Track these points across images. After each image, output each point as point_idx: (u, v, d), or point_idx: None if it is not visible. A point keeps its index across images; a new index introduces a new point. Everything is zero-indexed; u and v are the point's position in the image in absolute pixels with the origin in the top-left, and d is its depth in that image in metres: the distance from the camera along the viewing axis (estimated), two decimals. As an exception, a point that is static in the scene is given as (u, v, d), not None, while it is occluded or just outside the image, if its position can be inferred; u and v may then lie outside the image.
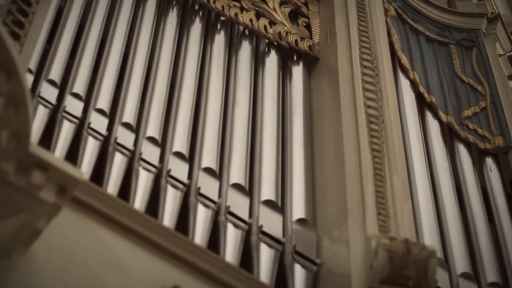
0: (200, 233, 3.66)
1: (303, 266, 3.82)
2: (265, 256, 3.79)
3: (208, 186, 3.86)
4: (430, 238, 4.19)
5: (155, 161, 3.82)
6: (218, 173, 3.96)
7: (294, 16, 5.16)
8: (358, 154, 4.12)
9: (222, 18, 4.79)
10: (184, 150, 3.96)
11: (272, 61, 4.79)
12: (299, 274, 3.81)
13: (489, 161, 4.85)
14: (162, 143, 3.95)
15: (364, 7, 5.08)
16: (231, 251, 3.69)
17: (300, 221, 3.99)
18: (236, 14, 4.77)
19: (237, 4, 4.85)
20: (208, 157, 4.00)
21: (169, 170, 3.80)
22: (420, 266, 3.46)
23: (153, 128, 3.96)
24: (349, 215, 3.85)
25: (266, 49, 4.86)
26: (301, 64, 4.89)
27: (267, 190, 4.05)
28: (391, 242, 3.50)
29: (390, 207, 3.90)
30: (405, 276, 3.44)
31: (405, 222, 3.86)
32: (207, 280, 3.41)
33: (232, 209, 3.83)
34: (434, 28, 5.54)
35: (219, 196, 3.87)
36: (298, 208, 4.07)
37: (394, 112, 4.45)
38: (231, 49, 4.72)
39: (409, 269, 3.45)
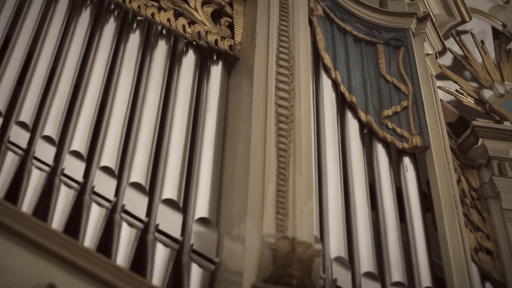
0: (91, 234, 3.65)
1: (200, 265, 3.82)
2: (160, 255, 3.78)
3: (104, 185, 3.85)
4: (336, 237, 4.20)
5: (50, 161, 3.81)
6: (117, 172, 3.95)
7: (218, 15, 5.16)
8: (264, 153, 4.12)
9: (139, 18, 4.78)
10: (82, 149, 3.94)
11: (189, 60, 4.78)
12: (195, 273, 3.80)
13: (406, 161, 4.84)
14: (59, 142, 3.94)
15: (287, 6, 5.07)
16: (124, 250, 3.69)
17: (201, 220, 3.98)
18: (153, 14, 4.76)
19: (155, 4, 4.83)
20: (108, 156, 3.98)
21: (63, 169, 3.79)
22: (304, 265, 3.45)
23: (51, 127, 3.94)
24: (248, 213, 3.85)
25: (184, 49, 4.84)
26: (220, 63, 4.88)
27: (169, 189, 4.04)
28: (276, 241, 3.49)
29: (290, 206, 3.89)
30: (289, 275, 3.43)
31: (303, 221, 3.85)
32: (94, 283, 3.40)
33: (128, 208, 3.81)
34: (363, 28, 5.53)
35: (116, 195, 3.86)
36: (201, 207, 4.06)
37: (305, 112, 4.44)
38: (146, 49, 4.71)
39: (293, 268, 3.44)
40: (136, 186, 3.94)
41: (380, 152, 4.85)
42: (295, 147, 4.19)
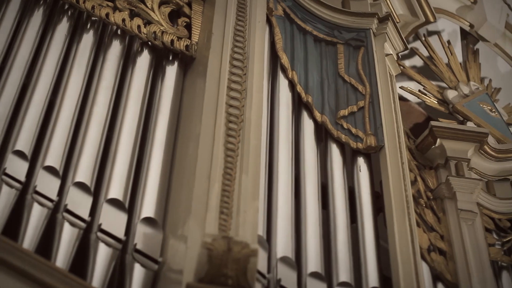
0: (31, 235, 3.65)
1: (143, 265, 3.82)
2: (102, 255, 3.78)
3: (47, 184, 3.85)
4: (283, 237, 4.20)
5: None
6: (61, 172, 3.95)
7: (176, 16, 5.15)
8: (211, 153, 4.12)
9: (94, 18, 4.78)
10: (27, 149, 3.94)
11: (143, 60, 4.77)
12: (138, 273, 3.81)
13: (360, 161, 4.85)
14: (3, 142, 3.93)
15: (244, 6, 5.06)
16: (64, 251, 3.68)
17: (147, 220, 3.98)
18: (107, 14, 4.75)
19: (110, 4, 4.83)
20: (53, 156, 3.98)
21: (5, 168, 3.79)
22: (239, 265, 3.45)
23: (-7, 126, 3.95)
24: (192, 213, 3.85)
25: (139, 49, 4.83)
26: (176, 63, 4.87)
27: (115, 189, 4.04)
28: (212, 241, 3.50)
29: (234, 206, 3.89)
30: (224, 275, 3.43)
31: (247, 221, 3.85)
32: (31, 284, 3.40)
33: (70, 207, 3.81)
34: (323, 28, 5.54)
35: (59, 194, 3.86)
36: (147, 208, 4.05)
37: (256, 112, 4.43)
38: (100, 49, 4.70)
39: (229, 268, 3.44)
40: (81, 185, 3.94)
41: (334, 152, 4.86)
42: (244, 147, 4.19)
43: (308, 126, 4.92)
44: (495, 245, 5.14)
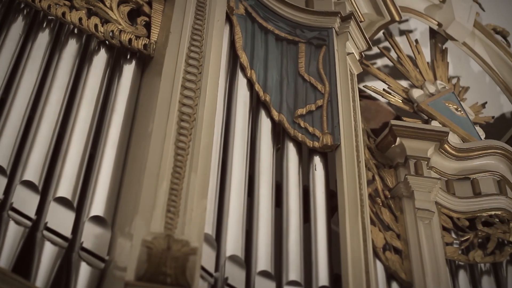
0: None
1: (89, 263, 3.83)
2: (48, 253, 3.78)
3: (-8, 183, 3.86)
4: (234, 236, 4.20)
5: None
6: (9, 171, 3.94)
7: (136, 14, 5.15)
8: (162, 151, 4.12)
9: (50, 17, 4.78)
10: (-28, 148, 3.95)
11: (100, 59, 4.76)
12: (84, 271, 3.81)
13: (316, 160, 4.84)
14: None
15: (204, 5, 5.05)
16: (8, 250, 3.68)
17: (95, 218, 3.98)
18: (63, 13, 4.74)
19: (67, 3, 4.82)
20: (0, 155, 3.98)
21: None
22: (178, 263, 3.45)
23: None
24: (140, 211, 3.85)
25: (96, 48, 4.83)
26: (134, 62, 4.87)
27: (64, 187, 4.03)
28: (152, 239, 3.50)
29: (181, 205, 3.89)
30: (163, 273, 3.44)
31: (193, 220, 3.85)
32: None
33: (16, 206, 3.81)
34: (285, 27, 5.54)
35: (5, 193, 3.86)
36: (97, 206, 4.05)
37: (210, 111, 4.42)
38: (55, 48, 4.69)
39: (167, 266, 3.44)
40: (28, 184, 3.93)
41: (291, 151, 4.86)
42: (195, 146, 4.19)
43: (265, 125, 4.92)
44: (453, 244, 5.14)
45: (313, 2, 5.84)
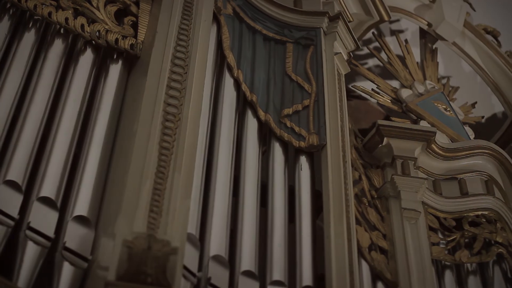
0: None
1: (72, 263, 3.83)
2: (30, 253, 3.79)
3: (-26, 183, 3.86)
4: (218, 236, 4.20)
5: None
6: (-9, 171, 3.96)
7: (123, 14, 5.15)
8: (146, 150, 4.13)
9: (37, 17, 4.78)
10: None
11: (86, 59, 4.76)
12: (66, 271, 3.82)
13: (302, 160, 4.84)
14: None
15: (191, 5, 5.05)
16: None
17: (78, 218, 3.98)
18: (50, 13, 4.74)
19: (53, 3, 4.82)
20: (-19, 155, 4.00)
21: None
22: (159, 263, 3.46)
23: None
24: (123, 211, 3.85)
25: (83, 48, 4.83)
26: (120, 62, 4.87)
27: (48, 187, 4.03)
28: (133, 239, 3.50)
29: (164, 205, 3.89)
30: (144, 273, 3.44)
31: (176, 220, 3.85)
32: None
33: (-3, 206, 3.83)
34: (273, 27, 5.54)
35: (-14, 195, 3.87)
36: (81, 206, 4.05)
37: (195, 111, 4.42)
38: (41, 48, 4.69)
39: (148, 266, 3.45)
40: (11, 184, 3.94)
41: (277, 151, 4.86)
42: (178, 146, 4.19)
43: (251, 125, 4.92)
44: (439, 244, 5.14)
45: (301, 2, 5.84)
